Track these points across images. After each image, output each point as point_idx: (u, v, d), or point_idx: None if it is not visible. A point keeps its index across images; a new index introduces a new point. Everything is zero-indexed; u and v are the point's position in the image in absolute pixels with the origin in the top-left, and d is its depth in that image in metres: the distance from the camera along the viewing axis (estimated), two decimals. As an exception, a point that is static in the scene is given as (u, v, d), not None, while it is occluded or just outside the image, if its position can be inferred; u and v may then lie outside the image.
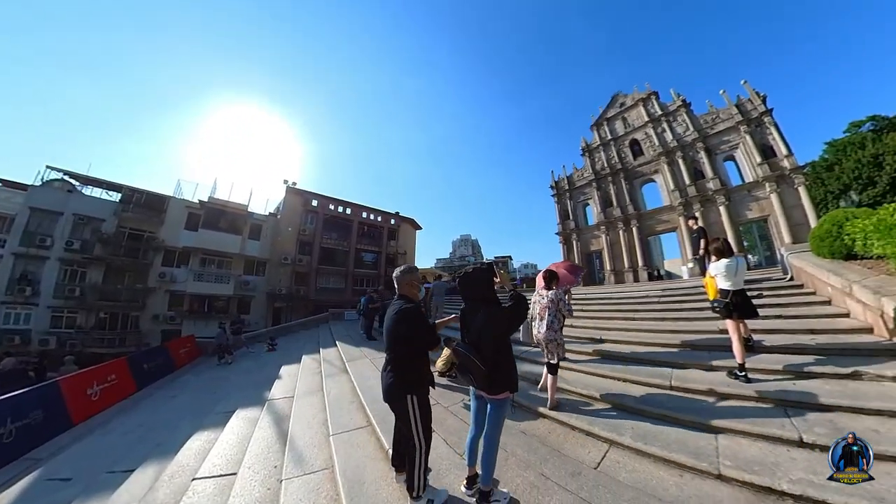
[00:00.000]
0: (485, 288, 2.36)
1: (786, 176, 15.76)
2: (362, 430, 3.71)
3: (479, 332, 2.26)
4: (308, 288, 26.21)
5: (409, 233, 36.80)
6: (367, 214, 32.06)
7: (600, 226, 22.31)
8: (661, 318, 6.39)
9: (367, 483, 2.72)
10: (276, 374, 6.95)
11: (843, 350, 3.64)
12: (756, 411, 3.00)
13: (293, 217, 26.90)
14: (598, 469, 2.64)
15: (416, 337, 2.31)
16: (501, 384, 2.19)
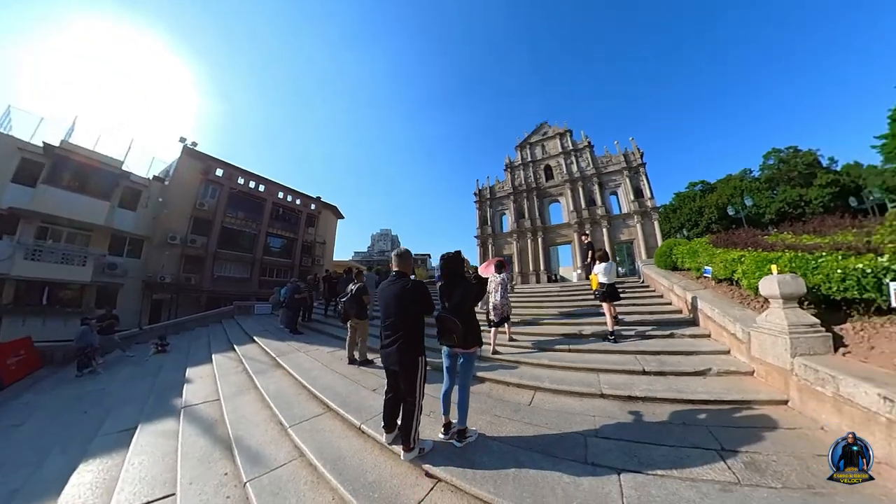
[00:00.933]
0: (461, 269, 3.07)
1: (647, 212, 20.82)
2: (323, 416, 3.68)
3: (458, 301, 2.88)
4: (202, 276, 21.66)
5: (330, 221, 33.69)
6: (283, 195, 28.16)
7: (513, 234, 25.31)
8: (561, 306, 8.18)
9: (348, 457, 2.82)
10: (183, 379, 6.10)
11: (667, 322, 5.73)
12: (620, 359, 4.54)
13: (188, 186, 21.72)
14: (530, 405, 3.66)
15: (426, 304, 2.72)
16: (472, 340, 2.84)
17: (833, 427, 2.61)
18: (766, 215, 32.20)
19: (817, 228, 5.59)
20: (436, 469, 2.48)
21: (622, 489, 2.10)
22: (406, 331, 2.63)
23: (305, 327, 9.44)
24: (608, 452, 2.54)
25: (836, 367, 2.74)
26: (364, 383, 4.54)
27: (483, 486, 2.23)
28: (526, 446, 2.72)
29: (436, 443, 2.77)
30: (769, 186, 36.32)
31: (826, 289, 3.60)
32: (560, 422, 3.14)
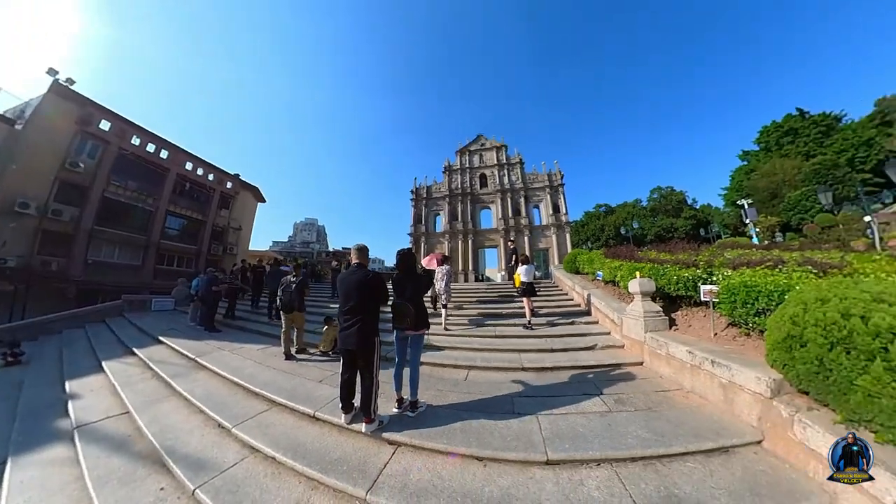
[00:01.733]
0: (414, 263, 3.56)
1: (562, 226, 24.06)
2: (269, 412, 3.59)
3: (412, 290, 3.36)
4: (70, 260, 16.62)
5: (248, 204, 29.63)
6: (192, 167, 23.64)
7: (446, 234, 26.56)
8: (487, 301, 9.27)
9: (308, 443, 2.89)
10: (62, 395, 5.02)
11: (569, 313, 7.14)
12: (535, 341, 5.61)
13: (54, 136, 16.37)
14: (466, 380, 4.33)
15: (383, 293, 3.13)
16: (422, 323, 3.34)
17: (665, 375, 3.93)
18: (647, 236, 39.83)
19: (671, 249, 7.62)
20: (396, 435, 2.83)
21: (540, 425, 2.88)
22: (365, 314, 2.96)
23: (224, 325, 8.40)
24: (529, 405, 3.33)
25: (668, 337, 4.11)
26: (307, 376, 4.53)
27: (437, 440, 2.71)
28: (467, 409, 3.31)
29: (392, 416, 3.13)
30: (652, 214, 44.86)
31: (667, 289, 5.18)
32: (492, 389, 3.85)
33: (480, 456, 2.54)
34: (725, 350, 3.42)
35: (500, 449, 2.56)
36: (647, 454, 2.42)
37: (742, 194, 30.75)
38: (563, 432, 2.76)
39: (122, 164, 19.36)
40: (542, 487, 2.20)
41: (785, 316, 2.51)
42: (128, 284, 17.73)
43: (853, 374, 2.02)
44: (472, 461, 2.53)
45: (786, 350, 2.41)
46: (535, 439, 2.67)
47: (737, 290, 3.69)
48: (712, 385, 3.13)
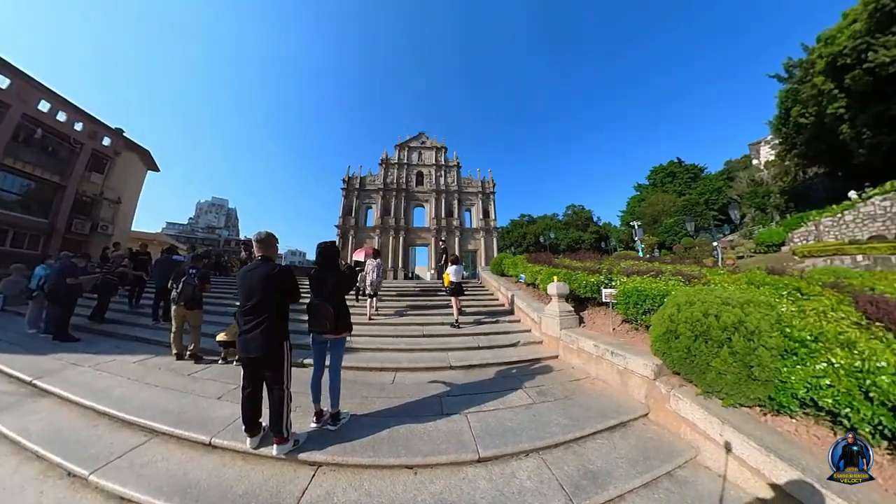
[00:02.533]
0: (337, 258, 3.20)
1: (490, 230, 25.61)
2: (147, 445, 2.83)
3: (332, 289, 2.99)
4: None
5: (134, 170, 22.65)
6: (51, 107, 17.07)
7: (377, 229, 25.94)
8: (416, 300, 9.30)
9: (203, 480, 2.34)
10: None
11: (495, 312, 7.62)
12: (463, 339, 5.81)
13: None
14: (393, 383, 4.13)
15: (293, 291, 2.69)
16: (343, 326, 2.99)
17: (576, 365, 4.48)
18: (561, 245, 45.05)
19: (581, 258, 8.74)
20: (315, 454, 2.47)
21: (470, 424, 2.92)
22: (270, 314, 2.52)
23: (85, 330, 6.30)
24: (457, 404, 3.35)
25: (578, 333, 4.70)
26: (202, 392, 3.72)
27: (363, 454, 2.47)
28: (394, 414, 3.15)
29: (309, 433, 2.73)
30: (566, 227, 50.81)
31: (578, 291, 5.91)
32: (420, 391, 3.77)
33: (411, 464, 2.43)
34: (622, 342, 4.09)
35: (431, 454, 2.49)
36: (568, 438, 2.71)
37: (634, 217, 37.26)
38: (492, 428, 2.86)
39: None
40: (476, 486, 2.24)
41: (665, 315, 3.10)
42: None
43: (709, 357, 2.61)
44: (402, 470, 2.41)
45: (665, 342, 2.98)
46: (466, 438, 2.70)
47: (630, 293, 4.42)
48: (612, 372, 3.71)
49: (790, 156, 24.00)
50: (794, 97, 20.52)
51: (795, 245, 16.81)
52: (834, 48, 16.04)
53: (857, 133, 16.86)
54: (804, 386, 2.34)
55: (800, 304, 3.63)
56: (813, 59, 18.01)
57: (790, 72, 21.75)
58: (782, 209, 25.17)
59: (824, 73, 16.90)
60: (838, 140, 18.11)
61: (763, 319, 2.56)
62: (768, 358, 2.41)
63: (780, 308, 3.01)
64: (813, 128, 19.78)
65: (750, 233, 22.72)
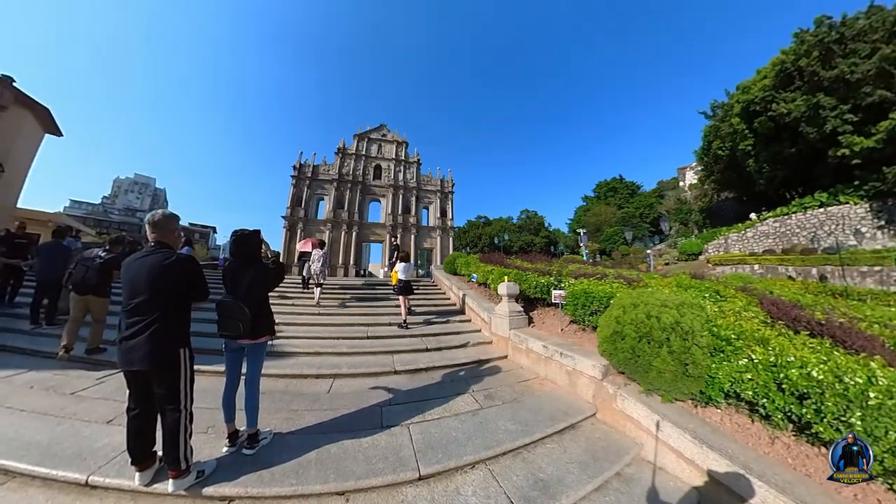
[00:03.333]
0: (258, 250, 2.73)
1: (447, 230, 25.63)
2: (2, 490, 2.14)
3: (248, 286, 2.54)
4: None
5: (25, 130, 15.72)
6: None
7: (328, 222, 24.52)
8: (363, 298, 8.83)
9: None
10: None
11: (446, 312, 7.48)
12: (410, 341, 5.54)
13: None
14: (329, 392, 3.73)
15: (198, 285, 2.23)
16: (263, 329, 2.56)
17: (525, 365, 4.47)
18: (514, 247, 47.07)
19: (532, 259, 8.99)
20: (226, 486, 2.09)
21: (412, 437, 2.67)
22: (162, 314, 2.02)
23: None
24: (400, 414, 3.08)
25: (527, 333, 4.71)
26: (88, 416, 2.96)
27: (284, 482, 2.13)
28: (326, 430, 2.78)
29: (220, 459, 2.32)
30: (519, 230, 53.15)
31: (528, 292, 6.00)
32: (359, 401, 3.42)
33: (342, 490, 2.12)
34: (570, 343, 4.15)
35: (365, 476, 2.20)
36: (516, 446, 2.60)
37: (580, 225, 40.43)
38: (435, 440, 2.66)
39: None
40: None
41: (611, 317, 3.17)
42: None
43: (651, 357, 2.68)
44: (331, 498, 2.09)
45: (612, 342, 3.04)
46: (406, 454, 2.46)
47: (579, 295, 4.54)
48: (561, 372, 3.73)
49: (709, 181, 27.86)
50: (716, 132, 23.84)
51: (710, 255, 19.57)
52: (748, 96, 19.06)
53: (759, 167, 20.19)
54: (729, 380, 2.52)
55: (720, 305, 3.99)
56: (732, 102, 21.30)
57: (714, 111, 25.32)
58: (700, 224, 29.01)
59: (740, 116, 20.00)
60: (745, 171, 21.53)
61: (696, 320, 2.70)
62: (701, 356, 2.55)
63: (707, 309, 3.24)
64: (727, 159, 23.26)
65: (675, 243, 25.83)
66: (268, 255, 2.98)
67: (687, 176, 41.57)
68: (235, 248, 2.66)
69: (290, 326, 5.92)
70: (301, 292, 8.56)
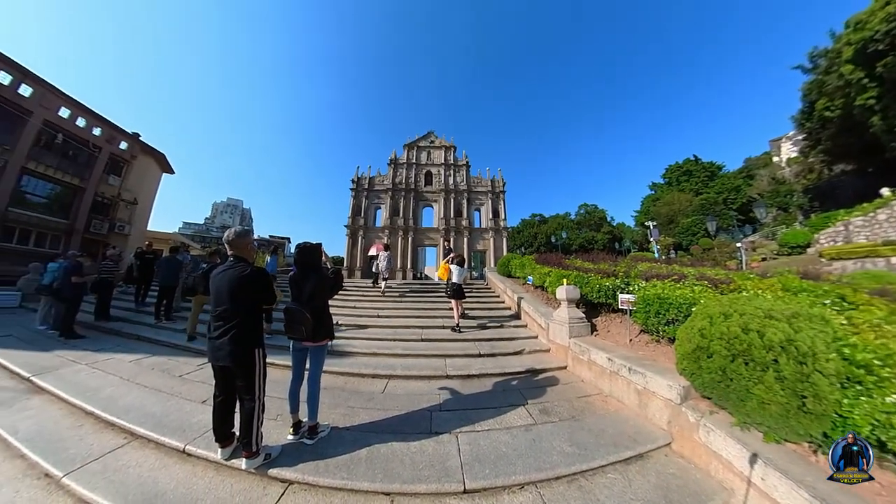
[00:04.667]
0: (318, 261, 2.96)
1: (500, 230, 25.09)
2: (125, 448, 2.80)
3: (310, 293, 2.77)
4: None
5: (149, 173, 23.80)
6: (71, 113, 17.70)
7: (385, 229, 25.71)
8: (419, 300, 9.00)
9: (170, 491, 2.25)
10: None
11: (500, 316, 7.22)
12: (463, 345, 5.45)
13: None
14: (384, 392, 3.86)
15: (266, 292, 2.49)
16: (323, 333, 2.78)
17: (587, 379, 4.06)
18: (573, 245, 44.10)
19: (594, 259, 8.25)
20: (287, 471, 2.32)
21: (459, 447, 2.61)
22: (241, 320, 2.35)
23: (92, 327, 6.53)
24: (449, 421, 3.05)
25: (589, 343, 4.27)
26: (188, 395, 3.66)
27: (336, 475, 2.28)
28: (378, 430, 2.91)
29: (284, 446, 2.59)
30: (578, 227, 49.72)
31: (590, 296, 5.47)
32: (411, 403, 3.48)
33: (387, 491, 2.18)
34: (640, 356, 3.64)
35: (410, 481, 2.22)
36: (572, 471, 2.34)
37: (649, 217, 36.10)
38: (484, 454, 2.54)
39: None
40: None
41: (694, 328, 2.67)
42: None
43: (750, 382, 2.17)
44: (377, 497, 2.17)
45: (694, 360, 2.55)
46: (452, 465, 2.39)
47: (651, 300, 3.97)
48: (629, 391, 3.28)
49: (814, 152, 22.77)
50: (820, 89, 19.36)
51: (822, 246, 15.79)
52: (864, 33, 14.90)
53: (889, 125, 15.75)
54: (870, 423, 1.91)
55: (849, 316, 3.14)
56: (840, 47, 16.88)
57: (815, 62, 20.38)
58: (806, 209, 23.95)
59: (853, 62, 15.77)
60: (868, 133, 16.99)
61: (817, 337, 2.12)
62: (826, 387, 1.97)
63: (833, 322, 2.55)
64: (840, 121, 18.61)
65: (772, 233, 21.61)
66: (327, 265, 3.18)
67: (783, 149, 34.18)
68: (300, 259, 2.93)
69: (350, 328, 6.30)
70: (361, 297, 9.10)
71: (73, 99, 18.49)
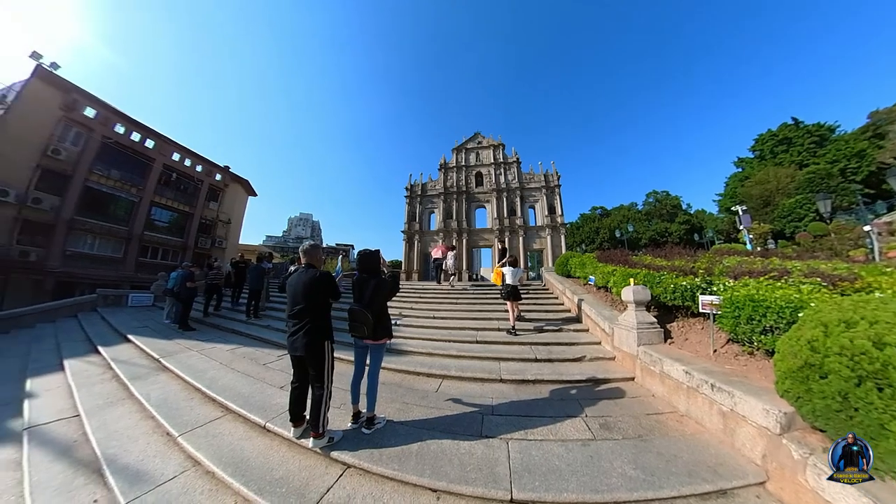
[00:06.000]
0: (377, 266, 3.23)
1: (557, 227, 23.79)
2: (221, 420, 3.41)
3: (370, 296, 3.03)
4: (49, 250, 16.17)
5: (239, 197, 29.09)
6: (180, 157, 23.31)
7: (440, 232, 26.15)
8: (474, 302, 8.92)
9: (252, 458, 2.68)
10: (20, 393, 4.73)
11: (558, 319, 6.80)
12: (518, 349, 5.26)
13: (37, 122, 15.89)
14: (438, 392, 4.00)
15: (332, 291, 2.88)
16: (382, 332, 3.05)
17: (659, 394, 3.58)
18: (642, 239, 39.82)
19: (667, 254, 7.32)
20: (345, 455, 2.58)
21: (510, 454, 2.54)
22: (312, 317, 2.72)
23: (201, 322, 8.12)
24: (500, 426, 2.99)
25: (662, 352, 3.76)
26: (270, 380, 4.29)
27: (388, 465, 2.44)
28: (430, 427, 3.02)
29: (345, 432, 2.88)
30: (647, 218, 44.91)
31: (663, 298, 4.83)
32: (462, 404, 3.54)
33: (435, 487, 2.26)
34: (726, 371, 3.08)
35: (457, 481, 2.26)
36: (634, 498, 2.06)
37: (736, 201, 30.88)
38: (534, 464, 2.41)
39: (106, 153, 18.92)
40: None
41: (801, 339, 2.16)
42: (108, 277, 17.66)
43: (886, 415, 1.68)
44: (424, 492, 2.26)
45: (801, 381, 2.06)
46: (501, 471, 2.33)
47: (741, 303, 3.35)
48: (711, 412, 2.79)
49: None
50: None
51: None
52: None
53: None
54: None
55: None
56: None
57: None
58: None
59: None
60: None
61: None
62: None
63: None
64: None
65: (920, 210, 16.94)
66: (385, 270, 3.42)
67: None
68: (360, 264, 3.24)
69: (408, 328, 6.68)
70: (419, 298, 9.63)
71: (182, 145, 23.51)
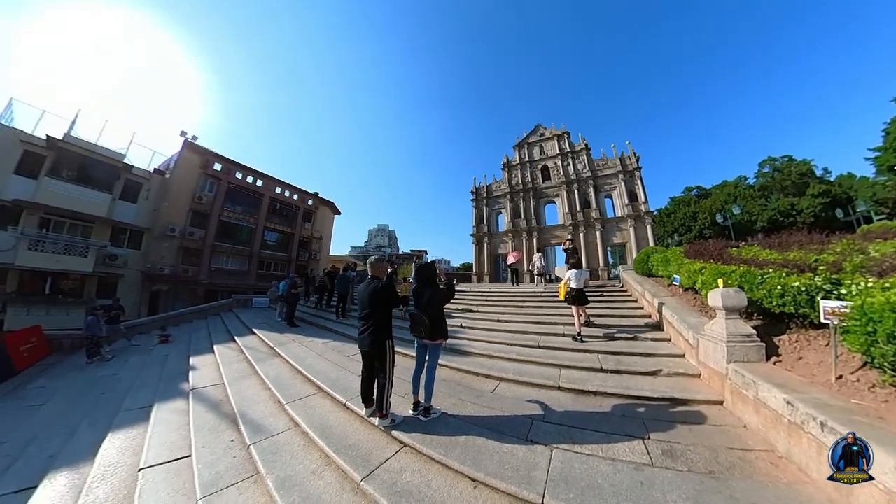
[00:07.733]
0: (432, 276, 3.64)
1: (641, 216, 21.09)
2: (314, 396, 4.36)
3: (427, 302, 3.48)
4: (199, 268, 22.46)
5: (326, 217, 34.47)
6: (281, 190, 29.20)
7: (508, 233, 25.54)
8: (539, 305, 8.51)
9: (334, 427, 3.44)
10: (188, 367, 6.65)
11: (634, 327, 6.04)
12: (583, 357, 4.88)
13: (188, 180, 22.40)
14: (493, 393, 4.14)
15: (393, 298, 3.41)
16: (439, 334, 3.46)
17: (752, 426, 2.91)
18: (757, 223, 32.48)
19: (783, 243, 5.91)
20: (403, 435, 3.06)
21: (550, 461, 2.52)
22: (377, 320, 3.26)
23: (301, 320, 9.93)
24: (548, 434, 2.96)
25: (759, 373, 3.04)
26: (352, 370, 5.05)
27: (436, 449, 2.78)
28: (479, 424, 3.23)
29: (406, 417, 3.37)
30: (762, 194, 36.55)
31: (767, 303, 3.90)
32: (515, 407, 3.63)
33: (474, 476, 2.47)
34: (851, 408, 2.32)
35: (493, 475, 2.40)
36: None
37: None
38: (574, 477, 2.31)
39: (231, 194, 25.14)
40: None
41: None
42: (239, 286, 23.13)
43: None
44: (463, 479, 2.50)
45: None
46: (537, 476, 2.34)
47: (878, 313, 2.50)
48: (820, 458, 2.13)
49: None
50: None
51: None
52: None
53: None
54: None
55: None
56: None
57: None
58: None
59: None
60: None
61: None
62: None
63: None
64: None
65: None
66: (441, 278, 3.77)
67: None
68: (418, 275, 3.76)
69: (472, 330, 7.04)
70: (484, 301, 10.04)
71: (281, 180, 29.18)
